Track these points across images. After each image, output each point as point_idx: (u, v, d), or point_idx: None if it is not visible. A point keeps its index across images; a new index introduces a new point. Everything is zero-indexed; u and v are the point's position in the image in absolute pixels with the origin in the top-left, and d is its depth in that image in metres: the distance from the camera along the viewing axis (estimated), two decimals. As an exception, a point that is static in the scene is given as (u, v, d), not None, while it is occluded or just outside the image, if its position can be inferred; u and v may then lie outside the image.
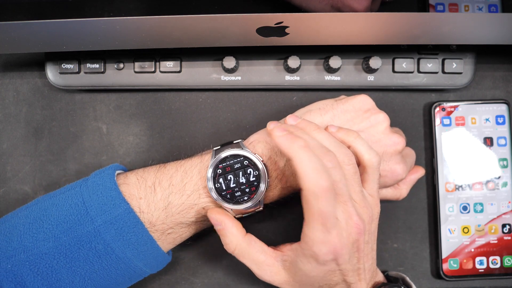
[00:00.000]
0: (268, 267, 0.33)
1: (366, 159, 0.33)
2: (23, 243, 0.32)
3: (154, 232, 0.34)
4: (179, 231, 0.35)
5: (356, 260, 0.32)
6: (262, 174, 0.33)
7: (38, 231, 0.32)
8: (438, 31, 0.34)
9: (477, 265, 0.43)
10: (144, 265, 0.34)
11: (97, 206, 0.32)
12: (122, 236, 0.32)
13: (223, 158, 0.34)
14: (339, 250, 0.30)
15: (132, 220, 0.32)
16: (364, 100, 0.37)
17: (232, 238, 0.33)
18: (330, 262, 0.30)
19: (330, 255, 0.29)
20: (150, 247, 0.34)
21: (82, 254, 0.32)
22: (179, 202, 0.34)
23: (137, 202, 0.33)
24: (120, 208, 0.32)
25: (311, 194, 0.28)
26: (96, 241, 0.32)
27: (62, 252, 0.32)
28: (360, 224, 0.31)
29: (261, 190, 0.33)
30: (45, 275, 0.32)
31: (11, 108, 0.44)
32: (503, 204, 0.43)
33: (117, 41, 0.35)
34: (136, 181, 0.35)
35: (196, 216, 0.35)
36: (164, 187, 0.34)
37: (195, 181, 0.34)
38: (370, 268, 0.34)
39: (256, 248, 0.34)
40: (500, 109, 0.44)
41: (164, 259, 0.36)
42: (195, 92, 0.44)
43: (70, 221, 0.32)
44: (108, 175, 0.34)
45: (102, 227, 0.32)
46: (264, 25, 0.33)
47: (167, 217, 0.34)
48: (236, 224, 0.34)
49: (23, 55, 0.44)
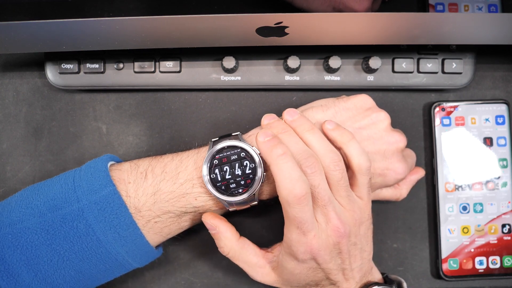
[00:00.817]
0: (259, 269, 0.35)
1: (356, 163, 0.33)
2: (11, 217, 0.32)
3: (139, 219, 0.33)
4: (167, 221, 0.35)
5: (340, 261, 0.33)
6: (258, 167, 0.33)
7: (27, 207, 0.33)
8: (438, 31, 0.34)
9: (477, 265, 0.43)
10: (126, 252, 0.33)
11: (85, 187, 0.33)
12: (104, 218, 0.32)
13: (220, 149, 0.34)
14: (316, 251, 0.31)
15: (116, 202, 0.32)
16: (365, 99, 0.37)
17: (226, 241, 0.35)
18: (309, 261, 0.32)
19: (308, 254, 0.31)
20: (133, 232, 0.33)
21: (63, 232, 0.32)
22: (169, 190, 0.34)
23: (125, 186, 0.33)
24: (106, 189, 0.32)
25: (285, 202, 0.30)
26: (78, 220, 0.32)
27: (44, 228, 0.32)
28: (340, 227, 0.32)
29: (256, 183, 0.33)
30: (24, 250, 0.31)
31: (11, 108, 0.44)
32: (503, 204, 0.43)
33: (116, 41, 0.35)
34: (128, 167, 0.35)
35: (186, 206, 0.34)
36: (157, 174, 0.34)
37: (190, 171, 0.34)
38: (361, 268, 0.34)
39: (249, 251, 0.35)
40: (500, 109, 0.44)
41: (149, 251, 0.35)
42: (195, 92, 0.44)
43: (57, 199, 0.32)
44: (101, 160, 0.35)
45: (86, 207, 0.32)
46: (264, 25, 0.33)
47: (155, 204, 0.33)
48: (230, 228, 0.35)
49: (23, 55, 0.44)
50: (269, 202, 0.37)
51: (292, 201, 0.30)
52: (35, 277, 0.32)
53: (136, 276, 0.43)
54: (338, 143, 0.34)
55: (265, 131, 0.32)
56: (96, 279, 0.34)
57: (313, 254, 0.31)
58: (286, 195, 0.30)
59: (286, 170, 0.30)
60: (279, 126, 0.34)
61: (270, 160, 0.31)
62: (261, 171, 0.33)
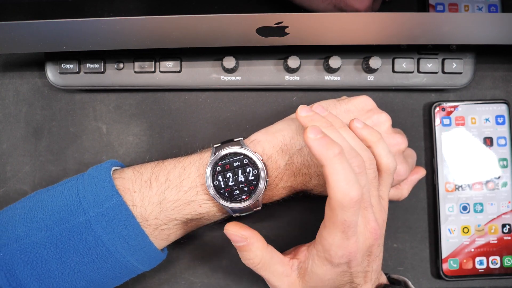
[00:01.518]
0: (286, 278, 0.33)
1: (384, 163, 0.32)
2: (17, 232, 0.32)
3: (146, 227, 0.33)
4: (173, 228, 0.35)
5: (366, 263, 0.32)
6: (261, 173, 0.33)
7: (32, 220, 0.32)
8: (438, 31, 0.34)
9: (477, 265, 0.43)
10: (136, 260, 0.33)
11: (90, 198, 0.32)
12: (112, 229, 0.32)
13: (223, 156, 0.34)
14: (354, 254, 0.30)
15: (124, 212, 0.32)
16: (366, 101, 0.37)
17: (257, 252, 0.32)
18: (343, 265, 0.30)
19: (345, 258, 0.30)
20: (142, 241, 0.33)
21: (72, 245, 0.32)
22: (174, 198, 0.34)
23: (130, 195, 0.33)
24: (112, 200, 0.32)
25: (339, 205, 0.28)
26: (86, 233, 0.32)
27: (53, 242, 0.32)
28: (377, 229, 0.31)
29: (259, 190, 0.33)
30: (35, 265, 0.31)
31: (11, 108, 0.44)
32: (503, 204, 0.43)
33: (117, 41, 0.35)
34: (132, 175, 0.34)
35: (192, 213, 0.34)
36: (161, 182, 0.34)
37: (193, 178, 0.34)
38: (377, 269, 0.33)
39: (276, 259, 0.33)
40: (500, 109, 0.44)
41: (157, 256, 0.35)
42: (195, 92, 0.44)
43: (63, 211, 0.32)
44: (104, 169, 0.34)
45: (94, 219, 0.32)
46: (264, 25, 0.33)
47: (161, 212, 0.33)
48: (259, 237, 0.32)
49: (23, 55, 0.44)
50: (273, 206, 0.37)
51: (347, 205, 0.28)
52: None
53: (137, 277, 0.43)
54: (368, 141, 0.33)
55: (315, 128, 0.29)
56: (106, 285, 0.35)
57: (350, 258, 0.30)
58: (342, 198, 0.27)
59: (342, 172, 0.28)
60: (321, 121, 0.32)
61: (325, 160, 0.28)
62: (264, 178, 0.33)
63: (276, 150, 0.35)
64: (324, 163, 0.28)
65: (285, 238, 0.43)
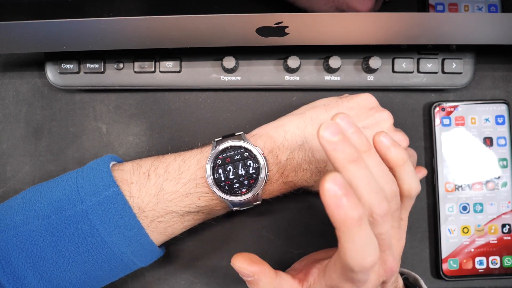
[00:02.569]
0: None
1: (407, 188, 0.30)
2: (15, 220, 0.32)
3: (143, 219, 0.33)
4: (170, 221, 0.34)
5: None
6: (261, 167, 0.33)
7: (30, 209, 0.32)
8: (438, 31, 0.34)
9: (477, 265, 0.43)
10: (131, 252, 0.33)
11: (88, 188, 0.32)
12: (108, 218, 0.32)
13: (223, 149, 0.34)
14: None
15: (120, 202, 0.32)
16: (368, 99, 0.37)
17: (266, 286, 0.31)
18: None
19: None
20: (138, 232, 0.33)
21: (67, 234, 0.32)
22: (172, 189, 0.33)
23: (128, 186, 0.33)
24: (109, 190, 0.32)
25: (349, 269, 0.25)
26: (82, 222, 0.32)
27: (49, 231, 0.32)
28: (394, 268, 0.29)
29: (259, 183, 0.33)
30: (30, 252, 0.31)
31: (11, 108, 0.44)
32: (503, 204, 0.43)
33: (117, 41, 0.35)
34: (131, 168, 0.35)
35: (190, 206, 0.34)
36: (159, 174, 0.34)
37: (193, 171, 0.34)
38: (393, 281, 0.32)
39: (286, 286, 0.31)
40: (500, 109, 0.44)
41: (153, 250, 0.35)
42: (195, 92, 0.44)
43: (61, 200, 0.32)
44: (103, 161, 0.35)
45: (90, 208, 0.32)
46: (264, 25, 0.33)
47: (158, 204, 0.33)
48: (267, 270, 0.31)
49: (23, 55, 0.44)
50: (273, 202, 0.37)
51: (358, 270, 0.25)
52: (41, 279, 0.32)
53: (137, 276, 0.43)
54: (392, 164, 0.29)
55: (336, 179, 0.23)
56: (101, 279, 0.34)
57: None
58: (353, 266, 0.25)
59: (359, 241, 0.24)
60: (345, 153, 0.25)
61: (340, 225, 0.24)
62: (265, 172, 0.33)
63: (277, 145, 0.35)
64: (338, 227, 0.24)
65: (285, 237, 0.43)
